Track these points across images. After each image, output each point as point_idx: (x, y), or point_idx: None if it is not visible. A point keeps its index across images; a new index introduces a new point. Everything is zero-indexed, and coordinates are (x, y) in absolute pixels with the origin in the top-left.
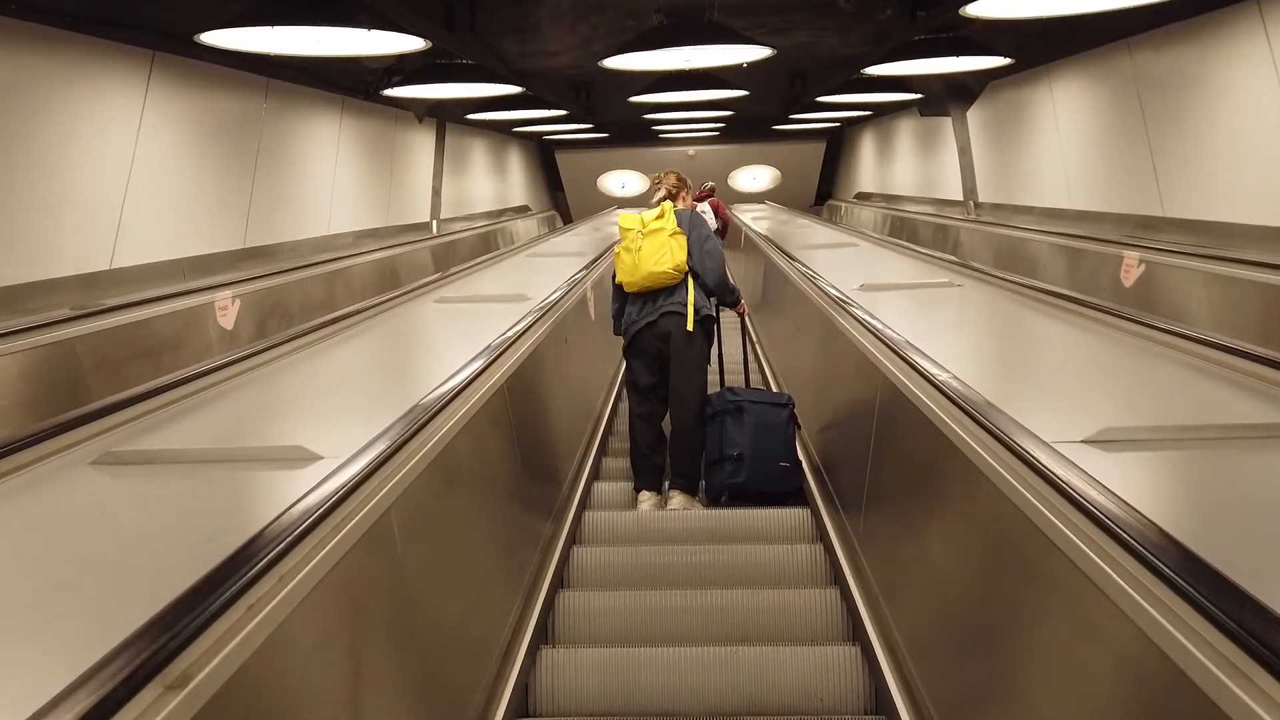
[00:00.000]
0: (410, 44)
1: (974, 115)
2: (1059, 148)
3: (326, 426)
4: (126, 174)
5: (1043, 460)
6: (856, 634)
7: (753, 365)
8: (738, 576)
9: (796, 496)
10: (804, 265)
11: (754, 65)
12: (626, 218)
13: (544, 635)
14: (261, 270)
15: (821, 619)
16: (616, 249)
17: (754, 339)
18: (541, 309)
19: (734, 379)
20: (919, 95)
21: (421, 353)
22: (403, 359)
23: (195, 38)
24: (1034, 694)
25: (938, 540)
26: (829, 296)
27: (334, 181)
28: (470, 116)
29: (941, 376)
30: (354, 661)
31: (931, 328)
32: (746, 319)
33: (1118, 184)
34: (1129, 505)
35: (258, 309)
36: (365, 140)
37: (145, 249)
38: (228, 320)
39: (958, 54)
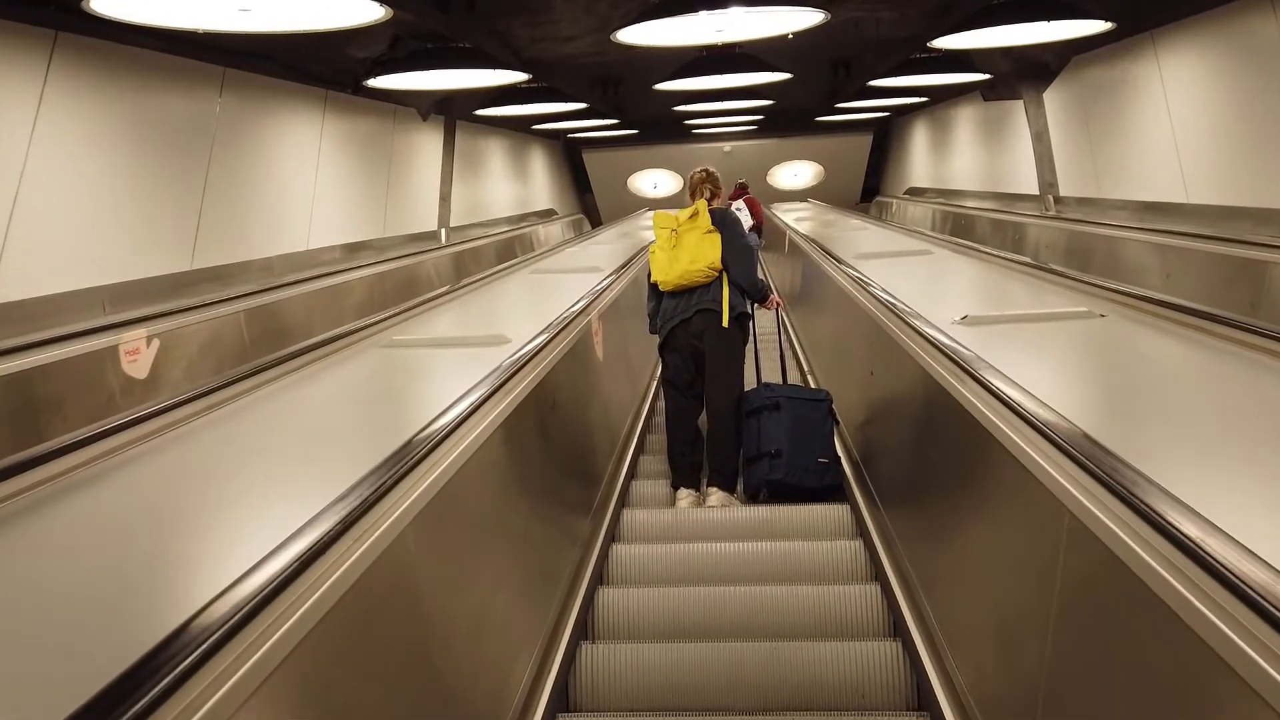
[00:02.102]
0: (369, 12)
1: (1052, 98)
2: (1169, 130)
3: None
4: (15, 184)
5: None
6: (898, 630)
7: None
8: (778, 573)
9: (835, 493)
10: (870, 281)
11: (797, 47)
12: (661, 216)
13: (583, 632)
14: (202, 299)
15: (863, 614)
16: (651, 248)
17: (794, 339)
18: (523, 357)
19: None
20: (985, 76)
21: (334, 439)
22: (302, 447)
23: (83, 4)
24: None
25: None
26: (915, 331)
27: (315, 189)
28: (481, 113)
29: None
30: None
31: (1113, 410)
32: (783, 313)
33: (1257, 173)
34: None
35: (191, 348)
36: (357, 141)
37: (43, 277)
38: (139, 368)
39: (1046, 18)
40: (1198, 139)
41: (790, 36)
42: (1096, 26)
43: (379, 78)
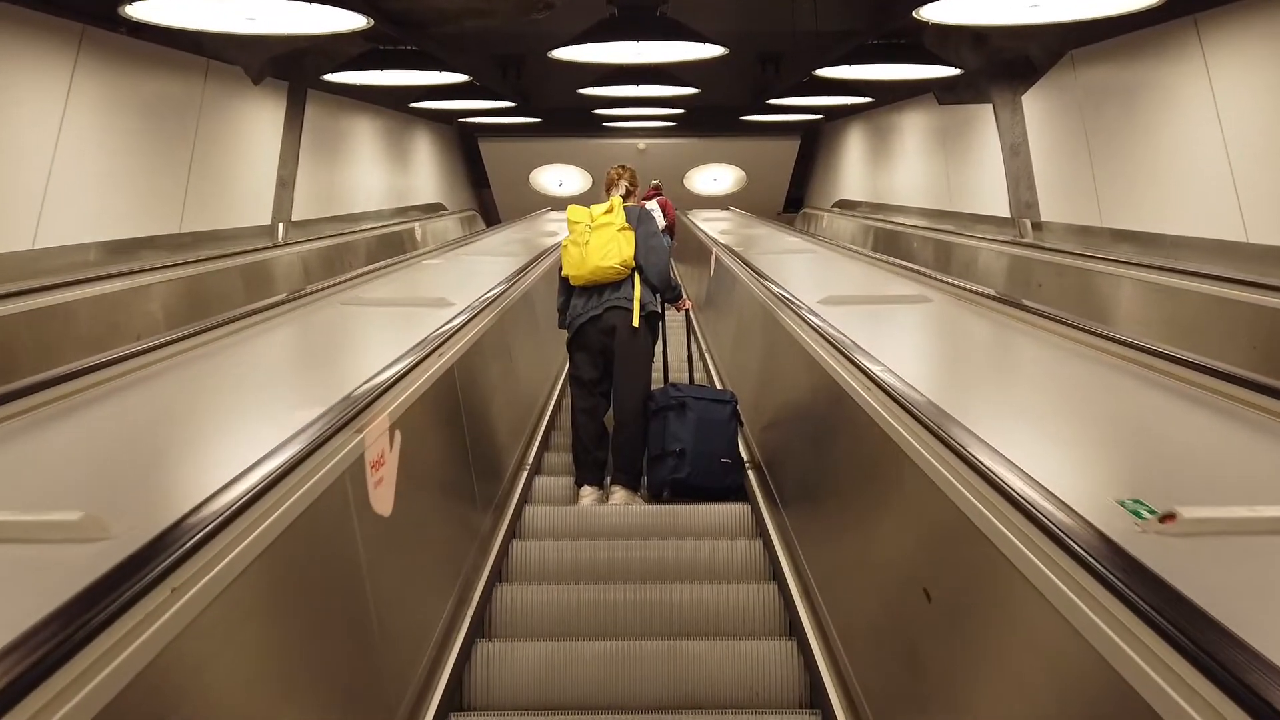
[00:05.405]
0: None
1: (1033, 103)
2: (1218, 146)
3: None
4: None
5: None
6: (793, 629)
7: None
8: (678, 571)
9: (738, 494)
10: (877, 372)
11: (724, 30)
12: (575, 210)
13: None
14: None
15: (760, 613)
16: (564, 242)
17: (699, 337)
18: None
19: (677, 376)
20: (946, 73)
21: None
22: None
23: None
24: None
25: None
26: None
27: (54, 164)
28: (335, 79)
29: None
30: None
31: None
32: (692, 315)
33: None
34: None
35: None
36: (139, 101)
37: None
38: None
39: None
40: (1264, 160)
41: None
42: (1138, 1)
43: (142, 2)
